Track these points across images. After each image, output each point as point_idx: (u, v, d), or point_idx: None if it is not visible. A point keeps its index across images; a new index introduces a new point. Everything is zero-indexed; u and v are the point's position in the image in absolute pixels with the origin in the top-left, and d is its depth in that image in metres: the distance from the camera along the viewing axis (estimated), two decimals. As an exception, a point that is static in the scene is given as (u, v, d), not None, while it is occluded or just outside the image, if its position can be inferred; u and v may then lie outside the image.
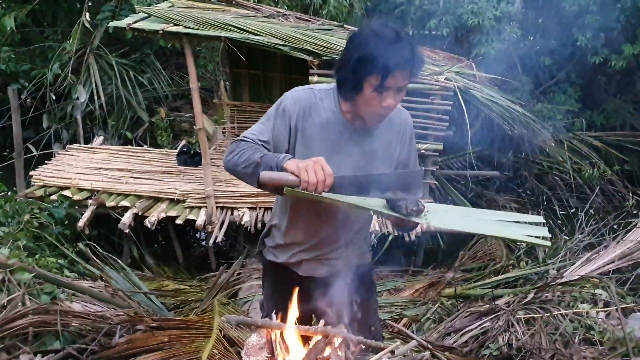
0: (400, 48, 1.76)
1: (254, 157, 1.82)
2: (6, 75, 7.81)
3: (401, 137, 2.06)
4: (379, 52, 1.75)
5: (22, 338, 2.66)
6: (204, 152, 5.24)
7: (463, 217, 1.91)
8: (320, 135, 1.97)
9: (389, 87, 1.78)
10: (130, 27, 4.92)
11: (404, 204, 1.70)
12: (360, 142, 1.99)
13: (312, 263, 2.18)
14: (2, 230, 4.23)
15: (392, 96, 1.81)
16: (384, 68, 1.74)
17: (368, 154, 2.00)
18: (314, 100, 2.00)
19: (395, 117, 2.04)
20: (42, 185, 5.56)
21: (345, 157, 1.98)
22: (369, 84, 1.79)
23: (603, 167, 7.24)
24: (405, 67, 1.77)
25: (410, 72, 1.80)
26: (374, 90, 1.79)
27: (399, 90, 1.83)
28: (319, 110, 1.99)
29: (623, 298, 3.73)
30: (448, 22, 6.84)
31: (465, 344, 3.52)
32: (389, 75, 1.75)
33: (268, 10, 6.10)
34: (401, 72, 1.77)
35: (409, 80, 1.82)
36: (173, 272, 5.45)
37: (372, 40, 1.78)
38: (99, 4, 8.30)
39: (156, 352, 2.66)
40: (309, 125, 1.98)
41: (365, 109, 1.87)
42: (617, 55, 7.00)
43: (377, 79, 1.76)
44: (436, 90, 5.17)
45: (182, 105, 8.93)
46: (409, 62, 1.77)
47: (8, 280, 2.97)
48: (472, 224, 1.85)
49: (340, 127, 1.98)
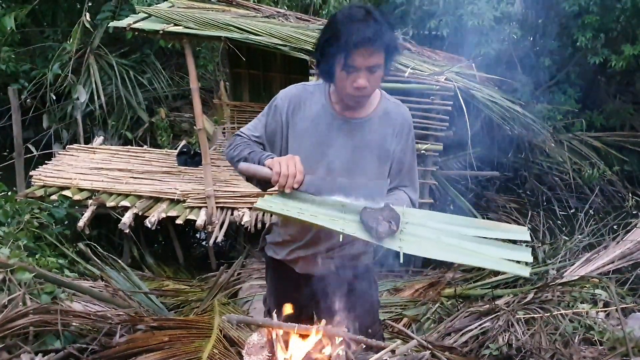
0: (364, 27, 1.76)
1: (243, 153, 1.95)
2: (6, 75, 7.81)
3: (397, 132, 2.03)
4: (343, 31, 1.77)
5: (22, 337, 2.66)
6: (204, 153, 5.25)
7: (441, 238, 1.81)
8: (310, 128, 1.99)
9: (355, 65, 1.78)
10: (130, 27, 4.92)
11: (375, 225, 1.63)
12: (351, 133, 1.98)
13: (308, 261, 2.17)
14: (2, 230, 4.23)
15: (363, 76, 1.81)
16: (346, 46, 1.75)
17: (359, 146, 1.98)
18: (305, 94, 2.04)
19: (393, 111, 2.04)
20: (42, 185, 5.56)
21: (335, 150, 1.98)
22: (339, 64, 1.81)
23: (603, 167, 7.24)
24: (367, 44, 1.75)
25: (373, 51, 1.77)
26: (342, 70, 1.80)
27: (371, 71, 1.81)
28: (310, 104, 2.02)
29: (623, 298, 3.74)
30: (448, 23, 6.84)
31: (465, 344, 3.53)
32: (352, 54, 1.76)
33: (268, 10, 6.11)
34: (364, 50, 1.76)
35: (378, 59, 1.80)
36: (173, 272, 5.45)
37: (340, 21, 1.81)
38: (99, 4, 8.31)
39: (157, 351, 2.66)
40: (299, 120, 2.01)
41: (341, 91, 1.89)
42: (617, 56, 7.00)
43: (342, 58, 1.77)
44: (436, 91, 5.17)
45: (182, 105, 8.94)
46: (370, 40, 1.75)
47: (9, 280, 2.97)
48: (450, 250, 1.76)
49: (330, 119, 1.99)
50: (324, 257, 2.15)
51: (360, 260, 2.22)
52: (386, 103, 2.06)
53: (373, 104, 2.03)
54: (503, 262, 1.71)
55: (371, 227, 1.64)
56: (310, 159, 1.94)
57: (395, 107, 2.05)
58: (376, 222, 1.64)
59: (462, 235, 1.81)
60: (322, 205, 1.80)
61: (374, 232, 1.63)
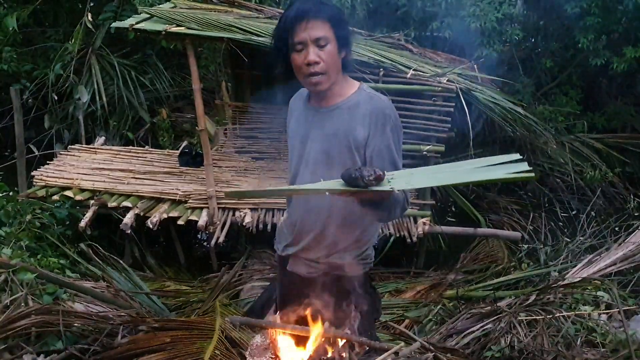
0: (302, 2, 1.91)
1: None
2: (8, 75, 7.81)
3: (368, 122, 1.99)
4: (286, 14, 1.93)
5: (24, 338, 2.67)
6: (206, 153, 5.24)
7: (433, 174, 1.78)
8: (296, 127, 2.13)
9: (300, 40, 1.88)
10: (132, 27, 4.91)
11: (358, 173, 1.61)
12: (321, 124, 2.04)
13: (297, 260, 2.22)
14: (4, 231, 4.24)
15: (311, 51, 1.89)
16: (288, 24, 1.89)
17: (329, 135, 2.02)
18: (298, 98, 2.20)
19: (363, 101, 2.02)
20: (43, 186, 5.56)
21: (312, 142, 2.06)
22: (289, 47, 1.93)
23: (604, 169, 7.23)
24: (305, 16, 1.87)
25: (314, 22, 1.87)
26: (293, 51, 1.92)
27: (318, 44, 1.89)
28: (298, 106, 2.17)
29: (625, 300, 3.72)
30: (450, 24, 6.83)
31: (467, 346, 3.52)
32: (294, 29, 1.88)
33: (270, 11, 6.10)
34: (304, 23, 1.87)
35: (323, 31, 1.89)
36: (174, 273, 5.45)
37: (282, 13, 1.99)
38: (101, 4, 8.30)
39: (158, 352, 2.67)
40: (291, 121, 2.18)
41: (298, 73, 1.98)
42: (619, 58, 6.98)
43: (289, 38, 1.90)
44: (438, 92, 5.16)
45: (183, 105, 8.93)
46: (307, 11, 1.87)
47: (11, 280, 2.97)
48: (444, 177, 1.74)
49: (307, 114, 2.10)
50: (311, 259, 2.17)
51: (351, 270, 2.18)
52: (360, 95, 2.05)
53: (344, 95, 2.05)
54: (506, 174, 1.58)
55: (356, 177, 1.61)
56: (297, 156, 2.10)
57: (367, 99, 2.04)
58: (359, 171, 1.62)
59: (453, 167, 1.77)
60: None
61: (359, 180, 1.60)
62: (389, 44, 5.90)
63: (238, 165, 6.40)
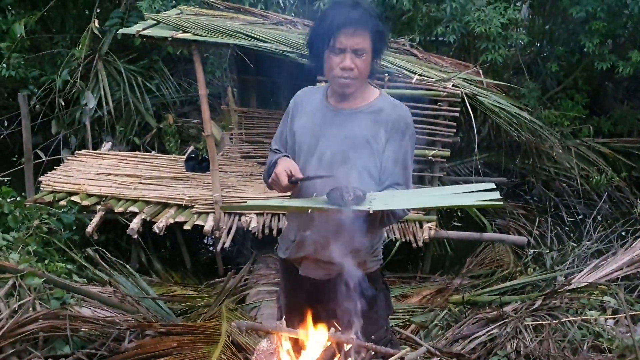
0: (349, 9, 1.94)
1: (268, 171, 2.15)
2: (16, 81, 7.86)
3: (390, 128, 2.07)
4: (330, 14, 1.96)
5: (32, 343, 2.68)
6: (212, 158, 5.27)
7: (413, 197, 1.93)
8: (308, 123, 2.13)
9: (341, 46, 1.93)
10: (139, 34, 4.95)
11: (339, 193, 1.73)
12: (343, 125, 2.07)
13: (309, 262, 2.21)
14: (12, 236, 4.27)
15: (348, 57, 1.95)
16: (332, 26, 1.92)
17: (350, 137, 2.06)
18: (309, 93, 2.23)
19: (387, 107, 2.10)
20: (51, 191, 5.59)
21: (327, 140, 2.07)
22: (326, 47, 1.97)
23: (611, 173, 7.21)
24: (351, 25, 1.91)
25: (358, 32, 1.92)
26: (330, 51, 1.96)
27: (357, 53, 1.95)
28: (310, 101, 2.17)
29: (632, 305, 3.71)
30: (455, 29, 6.84)
31: (473, 351, 3.52)
32: (337, 34, 1.91)
33: (276, 17, 6.13)
34: (349, 31, 1.92)
35: (364, 42, 1.95)
36: (181, 278, 5.46)
37: (328, 8, 2.03)
38: (108, 10, 8.36)
39: (165, 357, 2.68)
40: (300, 116, 2.16)
41: (329, 75, 2.02)
42: (625, 62, 6.97)
43: (329, 39, 1.93)
44: (443, 97, 5.17)
45: (190, 111, 8.96)
46: (354, 21, 1.91)
47: (19, 285, 2.99)
48: (421, 201, 1.87)
49: (324, 112, 2.11)
50: (321, 261, 2.16)
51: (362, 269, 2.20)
52: (382, 101, 2.12)
53: (366, 99, 2.11)
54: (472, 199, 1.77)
55: (337, 197, 1.74)
56: (307, 152, 2.09)
57: (391, 106, 2.11)
58: (342, 191, 1.74)
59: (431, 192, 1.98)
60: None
61: (341, 201, 1.72)
62: (394, 49, 5.92)
63: (244, 170, 6.42)
